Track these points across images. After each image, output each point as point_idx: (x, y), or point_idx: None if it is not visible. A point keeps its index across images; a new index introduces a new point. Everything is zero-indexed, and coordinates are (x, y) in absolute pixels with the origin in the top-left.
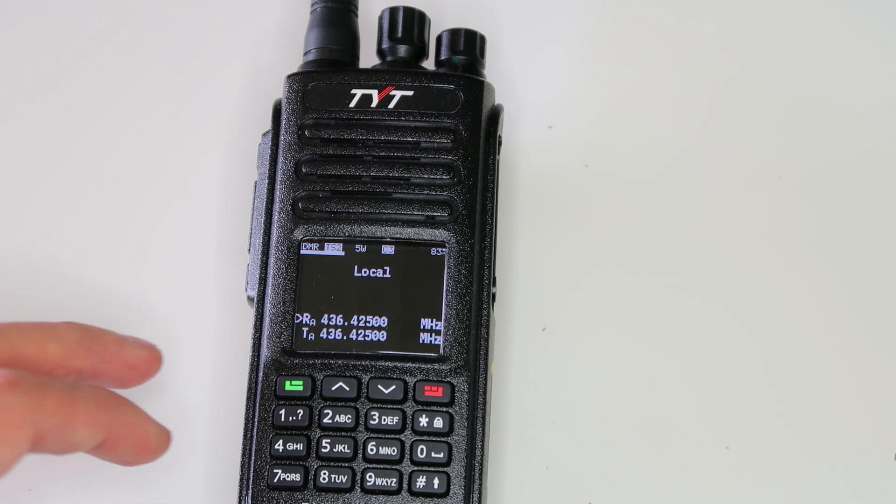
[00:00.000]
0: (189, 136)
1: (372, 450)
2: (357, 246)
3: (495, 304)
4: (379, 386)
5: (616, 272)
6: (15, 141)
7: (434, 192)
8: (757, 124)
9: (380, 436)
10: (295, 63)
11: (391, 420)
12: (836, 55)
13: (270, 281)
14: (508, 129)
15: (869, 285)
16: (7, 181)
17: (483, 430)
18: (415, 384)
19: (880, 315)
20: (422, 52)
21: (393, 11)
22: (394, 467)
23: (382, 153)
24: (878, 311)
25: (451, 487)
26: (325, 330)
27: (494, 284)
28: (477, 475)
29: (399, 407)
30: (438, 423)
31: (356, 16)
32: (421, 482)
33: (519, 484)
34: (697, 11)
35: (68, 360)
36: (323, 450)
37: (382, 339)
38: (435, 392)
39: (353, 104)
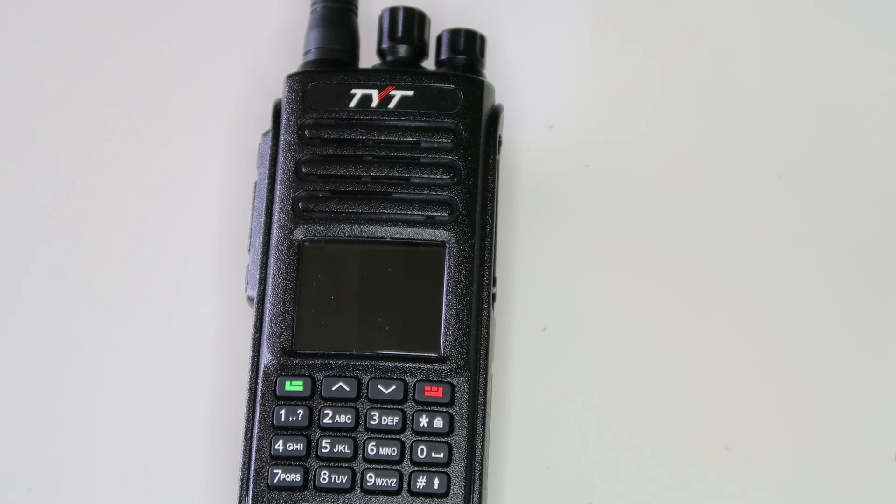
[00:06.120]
0: (189, 136)
1: (372, 450)
2: (357, 246)
3: (495, 304)
4: (379, 386)
5: (616, 272)
6: (16, 140)
7: (434, 192)
8: (757, 124)
9: (380, 436)
10: (295, 63)
11: (391, 420)
12: (837, 56)
13: (270, 281)
14: (508, 129)
15: (869, 285)
16: (7, 180)
17: (483, 430)
18: (415, 384)
19: (880, 315)
20: (422, 52)
21: (393, 11)
22: (394, 467)
23: (382, 153)
24: (879, 311)
25: (452, 487)
26: (325, 330)
27: (494, 284)
28: (477, 475)
29: (399, 407)
30: (438, 423)
31: (356, 16)
32: (421, 482)
33: (519, 484)
34: (697, 12)
35: None
36: (323, 450)
37: (382, 339)
38: (435, 392)
39: (353, 104)
